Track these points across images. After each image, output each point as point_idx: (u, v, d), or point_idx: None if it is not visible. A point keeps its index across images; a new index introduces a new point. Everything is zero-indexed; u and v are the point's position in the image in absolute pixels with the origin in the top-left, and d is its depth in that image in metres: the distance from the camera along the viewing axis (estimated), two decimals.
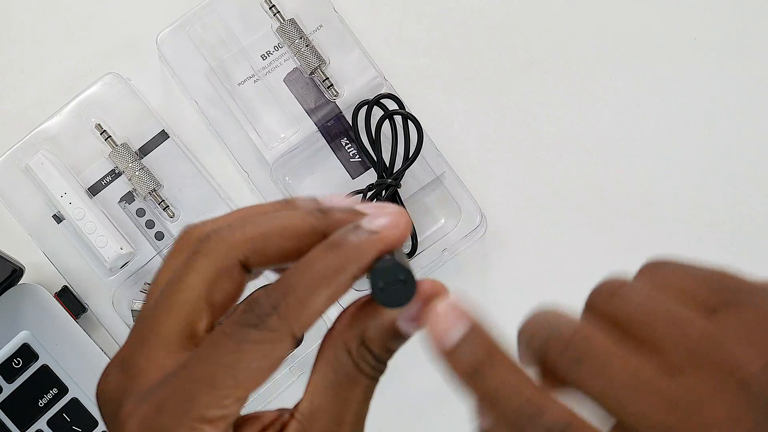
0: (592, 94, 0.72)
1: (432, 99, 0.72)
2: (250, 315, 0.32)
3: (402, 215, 0.34)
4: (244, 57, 0.70)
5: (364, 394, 0.35)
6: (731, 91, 0.72)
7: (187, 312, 0.34)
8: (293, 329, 0.32)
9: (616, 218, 0.71)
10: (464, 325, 0.32)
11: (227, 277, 0.34)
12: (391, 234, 0.34)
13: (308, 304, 0.32)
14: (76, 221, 0.67)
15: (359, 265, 0.33)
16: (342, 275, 0.33)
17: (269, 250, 0.34)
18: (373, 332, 0.34)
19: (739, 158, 0.72)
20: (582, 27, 0.73)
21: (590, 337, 0.30)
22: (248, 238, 0.34)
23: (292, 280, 0.33)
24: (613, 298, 0.31)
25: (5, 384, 0.66)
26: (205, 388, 0.32)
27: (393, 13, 0.73)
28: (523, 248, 0.71)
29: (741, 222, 0.71)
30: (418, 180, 0.70)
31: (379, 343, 0.34)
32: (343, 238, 0.33)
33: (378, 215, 0.34)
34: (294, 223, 0.34)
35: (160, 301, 0.34)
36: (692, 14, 0.73)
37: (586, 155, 0.72)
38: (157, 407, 0.32)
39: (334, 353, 0.34)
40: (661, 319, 0.30)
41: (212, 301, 0.34)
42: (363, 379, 0.34)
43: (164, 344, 0.34)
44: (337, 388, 0.34)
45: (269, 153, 0.69)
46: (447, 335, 0.32)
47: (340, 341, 0.34)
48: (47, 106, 0.70)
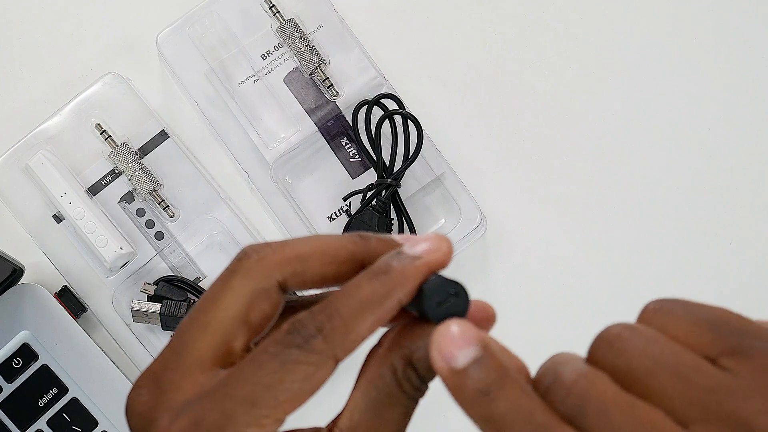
0: (593, 94, 0.72)
1: (432, 99, 0.72)
2: (294, 336, 0.32)
3: (443, 239, 0.34)
4: (244, 57, 0.70)
5: (404, 414, 0.34)
6: (731, 91, 0.72)
7: (223, 331, 0.34)
8: (336, 353, 0.32)
9: (616, 218, 0.71)
10: (476, 344, 0.31)
11: (265, 298, 0.34)
12: (434, 257, 0.34)
13: (353, 329, 0.32)
14: (76, 221, 0.67)
15: (405, 290, 0.33)
16: (388, 301, 0.33)
17: (307, 273, 0.34)
18: (421, 353, 0.34)
19: (740, 158, 0.72)
20: (582, 27, 0.73)
21: (592, 383, 0.30)
22: (287, 260, 0.34)
23: (338, 305, 0.33)
24: (614, 345, 0.31)
25: (5, 384, 0.66)
26: (245, 407, 0.32)
27: (393, 13, 0.73)
28: (523, 248, 0.71)
29: (741, 222, 0.71)
30: (418, 180, 0.70)
31: (427, 364, 0.34)
32: (388, 265, 0.33)
33: (419, 241, 0.34)
34: (333, 247, 0.34)
35: (196, 318, 0.34)
36: (692, 14, 0.73)
37: (586, 155, 0.72)
38: (195, 423, 0.32)
39: (378, 372, 0.34)
40: (664, 367, 0.29)
41: (248, 321, 0.34)
42: (404, 399, 0.34)
43: (199, 361, 0.33)
44: (378, 406, 0.34)
45: (269, 153, 0.69)
46: (458, 354, 0.31)
47: (387, 360, 0.34)
48: (47, 106, 0.70)
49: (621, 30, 0.73)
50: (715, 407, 0.28)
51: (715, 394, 0.29)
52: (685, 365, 0.29)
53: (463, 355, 0.31)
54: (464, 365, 0.31)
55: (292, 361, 0.32)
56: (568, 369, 0.30)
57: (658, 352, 0.30)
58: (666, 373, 0.29)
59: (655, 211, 0.71)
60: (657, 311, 0.32)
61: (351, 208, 0.69)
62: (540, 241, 0.71)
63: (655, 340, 0.30)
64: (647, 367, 0.30)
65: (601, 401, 0.29)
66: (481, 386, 0.31)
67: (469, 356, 0.31)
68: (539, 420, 0.30)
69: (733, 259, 0.71)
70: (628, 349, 0.30)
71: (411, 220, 0.69)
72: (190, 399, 0.33)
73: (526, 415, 0.30)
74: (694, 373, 0.29)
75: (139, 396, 0.34)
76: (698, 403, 0.29)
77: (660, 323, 0.31)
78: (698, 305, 0.31)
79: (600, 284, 0.70)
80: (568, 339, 0.68)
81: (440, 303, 0.33)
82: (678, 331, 0.31)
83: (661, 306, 0.32)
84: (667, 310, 0.32)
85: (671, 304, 0.32)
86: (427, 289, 0.33)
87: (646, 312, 0.32)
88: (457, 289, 0.33)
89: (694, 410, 0.29)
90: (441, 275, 0.34)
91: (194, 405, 0.32)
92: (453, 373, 0.31)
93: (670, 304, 0.32)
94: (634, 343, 0.30)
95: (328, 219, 0.70)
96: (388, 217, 0.68)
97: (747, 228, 0.71)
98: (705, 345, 0.30)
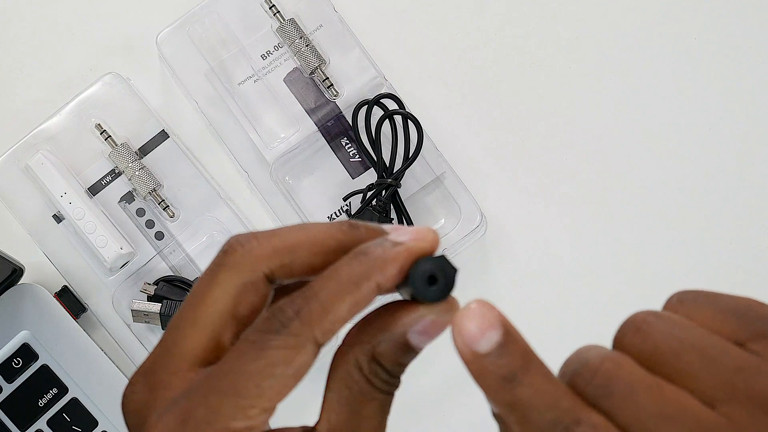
0: (593, 94, 0.72)
1: (432, 99, 0.72)
2: (273, 321, 0.32)
3: (429, 231, 0.34)
4: (244, 57, 0.70)
5: (380, 409, 0.34)
6: (732, 90, 0.72)
7: (211, 326, 0.33)
8: (315, 335, 0.32)
9: (617, 218, 0.71)
10: (500, 327, 0.31)
11: (252, 291, 0.34)
12: (417, 245, 0.33)
13: (331, 310, 0.32)
14: (76, 221, 0.67)
15: (384, 274, 0.33)
16: (366, 283, 0.32)
17: (295, 264, 0.34)
18: (383, 347, 0.34)
19: (740, 157, 0.72)
20: (582, 27, 0.73)
21: (618, 365, 0.30)
22: (274, 252, 0.34)
23: (316, 288, 0.33)
24: (641, 330, 0.31)
25: (5, 384, 0.66)
26: (230, 398, 0.32)
27: (393, 13, 0.73)
28: (523, 248, 0.71)
29: (741, 221, 0.71)
30: (418, 180, 0.70)
31: (391, 357, 0.34)
32: (369, 248, 0.33)
33: (405, 231, 0.34)
34: (321, 237, 0.34)
35: (184, 315, 0.34)
36: (692, 14, 0.73)
37: (586, 155, 0.72)
38: (182, 419, 0.32)
39: (345, 369, 0.34)
40: (691, 348, 0.30)
41: (237, 315, 0.34)
42: (377, 394, 0.34)
43: (188, 357, 0.33)
44: (352, 404, 0.33)
45: (269, 153, 0.69)
46: (481, 337, 0.31)
47: (351, 357, 0.34)
48: (47, 106, 0.70)
49: (622, 30, 0.73)
50: (743, 386, 0.28)
51: (743, 374, 0.29)
52: (712, 346, 0.29)
53: (486, 340, 0.31)
54: (487, 350, 0.31)
55: (271, 347, 0.32)
56: (594, 354, 0.30)
57: (685, 335, 0.30)
58: (693, 354, 0.29)
59: (655, 211, 0.71)
60: (681, 302, 0.32)
61: (351, 208, 0.69)
62: (540, 241, 0.71)
63: (682, 324, 0.30)
64: (674, 349, 0.30)
65: (628, 382, 0.29)
66: (505, 372, 0.30)
67: (492, 340, 0.31)
68: (564, 405, 0.30)
69: (734, 258, 0.71)
70: (654, 333, 0.30)
71: (411, 221, 0.69)
72: (178, 395, 0.33)
73: (550, 401, 0.30)
74: (722, 354, 0.29)
75: (133, 393, 0.34)
76: (726, 382, 0.29)
77: (685, 312, 0.31)
78: (722, 295, 0.32)
79: (600, 284, 0.70)
80: (568, 339, 0.68)
81: (427, 283, 0.33)
82: (703, 319, 0.31)
83: (685, 297, 0.32)
84: (692, 299, 0.32)
85: (695, 294, 0.32)
86: (414, 271, 0.33)
87: (670, 303, 0.32)
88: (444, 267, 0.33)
89: (722, 390, 0.29)
90: (431, 257, 0.33)
91: (180, 401, 0.32)
92: (475, 358, 0.31)
93: (693, 294, 0.32)
94: (660, 327, 0.30)
95: (328, 219, 0.70)
96: (388, 217, 0.68)
97: (748, 228, 0.71)
98: (731, 331, 0.30)
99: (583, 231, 0.71)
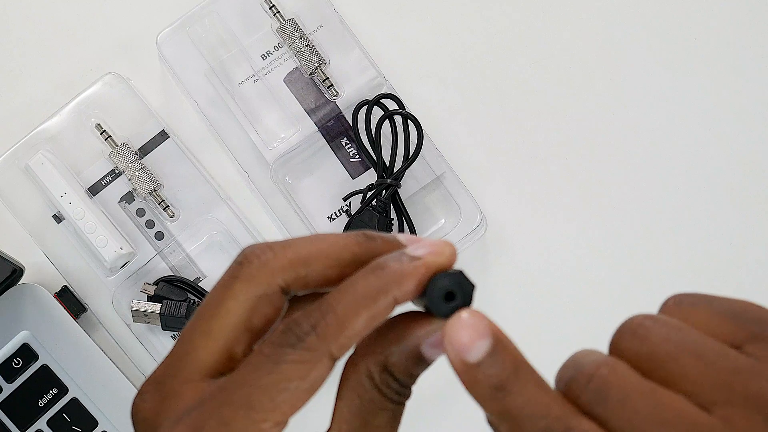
0: (593, 94, 0.72)
1: (432, 99, 0.72)
2: (288, 335, 0.32)
3: (447, 245, 0.34)
4: (244, 57, 0.70)
5: (391, 419, 0.34)
6: (732, 91, 0.72)
7: (225, 337, 0.33)
8: (331, 349, 0.32)
9: (617, 218, 0.71)
10: (490, 337, 0.31)
11: (267, 303, 0.33)
12: (435, 260, 0.33)
13: (347, 325, 0.32)
14: (76, 221, 0.67)
15: (401, 289, 0.32)
16: (383, 298, 0.32)
17: (310, 277, 0.34)
18: (396, 358, 0.33)
19: (740, 157, 0.72)
20: (582, 27, 0.73)
21: (613, 370, 0.30)
22: (289, 264, 0.33)
23: (332, 302, 0.32)
24: (637, 334, 0.30)
25: (5, 384, 0.66)
26: (242, 411, 0.31)
27: (393, 13, 0.73)
28: (523, 248, 0.71)
29: (741, 221, 0.71)
30: (418, 180, 0.70)
31: (402, 368, 0.34)
32: (386, 262, 0.33)
33: (423, 244, 0.34)
34: (337, 249, 0.34)
35: (197, 325, 0.34)
36: (693, 15, 0.73)
37: (586, 155, 0.72)
38: (194, 430, 0.32)
39: (356, 379, 0.34)
40: (687, 352, 0.29)
41: (251, 327, 0.34)
42: (388, 404, 0.34)
43: (201, 367, 0.33)
44: (363, 414, 0.33)
45: (269, 153, 0.69)
46: (472, 347, 0.31)
47: (363, 367, 0.34)
48: (47, 106, 0.70)
49: (622, 30, 0.73)
50: (740, 389, 0.28)
51: (740, 376, 0.29)
52: (709, 349, 0.29)
53: (477, 349, 0.31)
54: (478, 359, 0.31)
55: (287, 361, 0.32)
56: (589, 359, 0.30)
57: (682, 338, 0.30)
58: (689, 357, 0.29)
59: (655, 211, 0.71)
60: (678, 304, 0.32)
61: (351, 208, 0.69)
62: (540, 240, 0.71)
63: (679, 328, 0.30)
64: (670, 353, 0.30)
65: (622, 387, 0.29)
66: (495, 381, 0.30)
67: (482, 349, 0.31)
68: (555, 413, 0.29)
69: (734, 259, 0.71)
70: (651, 336, 0.30)
71: (411, 220, 0.69)
72: (190, 406, 0.32)
73: (541, 409, 0.30)
74: (718, 356, 0.29)
75: (143, 402, 0.34)
76: (722, 385, 0.29)
77: (682, 315, 0.31)
78: (718, 298, 0.32)
79: (600, 284, 0.70)
80: (568, 339, 0.68)
81: (444, 300, 0.32)
82: (700, 322, 0.31)
83: (682, 299, 0.32)
84: (689, 302, 0.32)
85: (692, 297, 0.32)
86: (432, 286, 0.33)
87: (667, 306, 0.32)
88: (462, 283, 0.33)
89: (718, 392, 0.29)
90: (449, 273, 0.33)
91: (193, 412, 0.32)
92: (466, 368, 0.31)
93: (690, 297, 0.32)
94: (657, 330, 0.30)
95: (328, 219, 0.70)
96: (388, 217, 0.68)
97: (748, 228, 0.71)
98: (727, 334, 0.30)
99: (582, 231, 0.71)
